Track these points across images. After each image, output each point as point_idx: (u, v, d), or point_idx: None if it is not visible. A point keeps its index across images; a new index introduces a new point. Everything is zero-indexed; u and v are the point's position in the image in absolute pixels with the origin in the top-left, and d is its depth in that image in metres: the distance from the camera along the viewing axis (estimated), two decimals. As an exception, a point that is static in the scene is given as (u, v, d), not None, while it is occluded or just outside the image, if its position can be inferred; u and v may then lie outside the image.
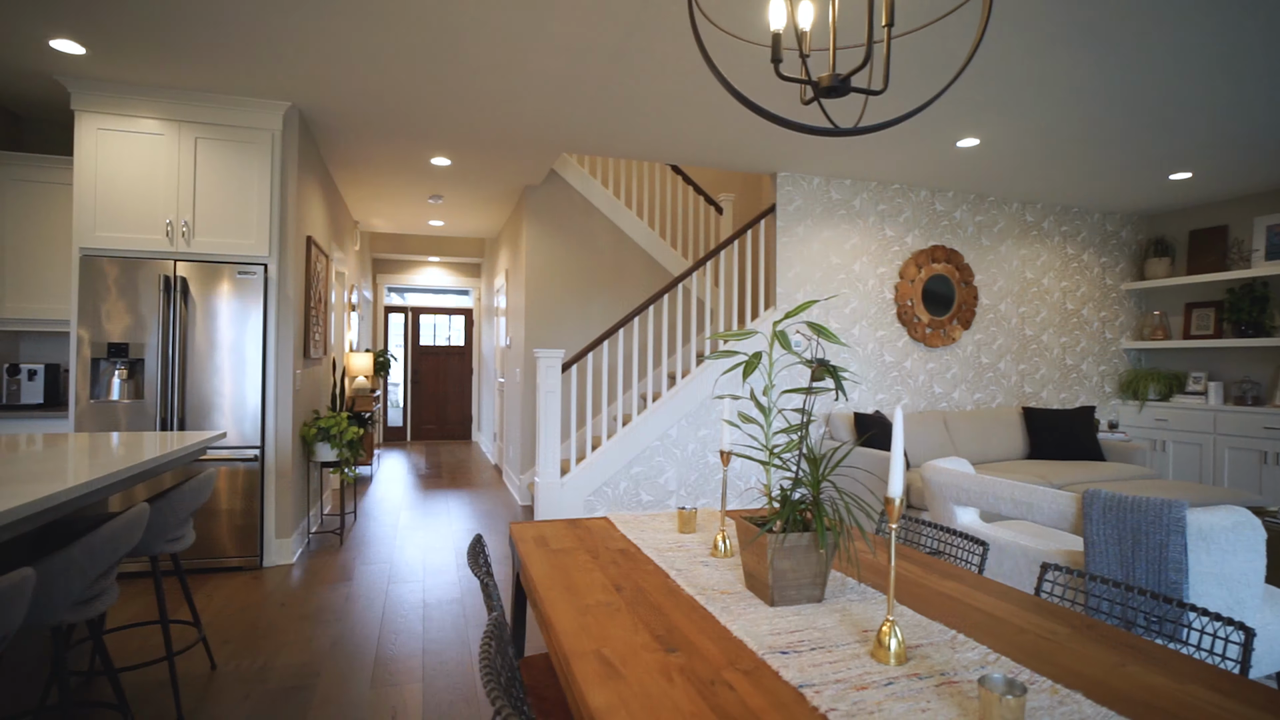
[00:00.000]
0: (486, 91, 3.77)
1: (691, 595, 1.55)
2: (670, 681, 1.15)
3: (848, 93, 1.44)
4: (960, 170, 5.16)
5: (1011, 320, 6.00)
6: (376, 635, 3.09)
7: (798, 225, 5.25)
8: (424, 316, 10.22)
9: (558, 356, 4.65)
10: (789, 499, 1.47)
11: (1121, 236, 6.49)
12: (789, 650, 1.26)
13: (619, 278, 6.17)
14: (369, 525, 5.09)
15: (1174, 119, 4.07)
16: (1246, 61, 3.30)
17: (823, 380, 1.46)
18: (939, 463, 3.15)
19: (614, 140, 4.56)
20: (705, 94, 3.78)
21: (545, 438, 4.61)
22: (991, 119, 4.09)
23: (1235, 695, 1.14)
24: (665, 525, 2.18)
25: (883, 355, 5.51)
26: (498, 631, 1.28)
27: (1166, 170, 5.12)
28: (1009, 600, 1.57)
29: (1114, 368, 6.46)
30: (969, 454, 5.30)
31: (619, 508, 4.78)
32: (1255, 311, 5.68)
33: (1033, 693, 1.12)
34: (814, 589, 1.48)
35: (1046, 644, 1.33)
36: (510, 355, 6.71)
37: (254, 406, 3.96)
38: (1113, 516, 2.48)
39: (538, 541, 2.02)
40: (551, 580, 1.66)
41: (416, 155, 5.00)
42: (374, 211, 7.06)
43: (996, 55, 3.26)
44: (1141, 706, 1.09)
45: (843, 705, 1.07)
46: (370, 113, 4.13)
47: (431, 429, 10.22)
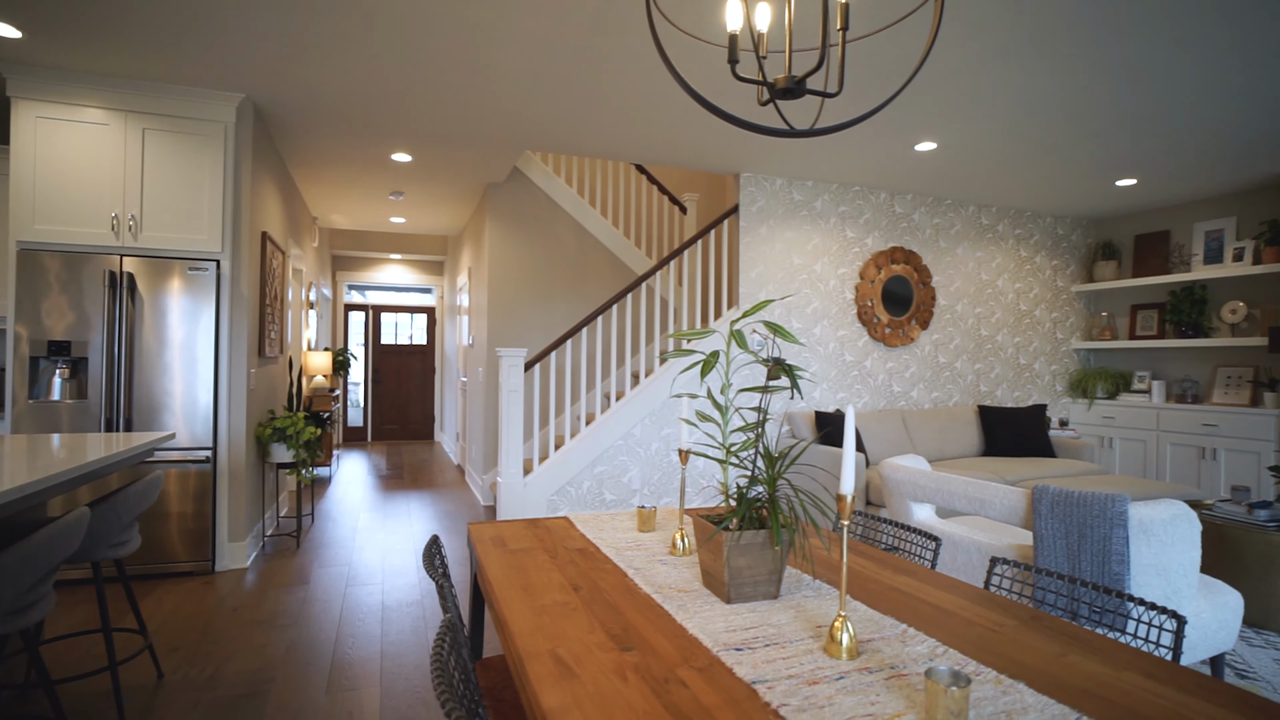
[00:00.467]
0: (448, 87, 3.72)
1: (649, 594, 1.55)
2: (624, 680, 1.15)
3: (803, 94, 1.45)
4: (919, 173, 5.27)
5: (968, 320, 6.15)
6: (333, 639, 3.03)
7: (760, 226, 5.30)
8: (385, 315, 10.05)
9: (520, 355, 4.61)
10: (745, 497, 1.48)
11: (1072, 240, 6.70)
12: (743, 647, 1.27)
13: (583, 277, 6.15)
14: (327, 527, 4.98)
15: (1119, 128, 4.22)
16: (1185, 77, 3.43)
17: (779, 379, 1.47)
18: (896, 460, 3.21)
19: (578, 138, 4.55)
20: (669, 94, 3.79)
21: (508, 437, 4.57)
22: (948, 124, 4.18)
23: (1167, 681, 1.18)
24: (625, 524, 2.18)
25: (844, 355, 5.60)
26: (451, 633, 1.26)
27: (1113, 177, 5.30)
28: (959, 594, 1.61)
29: (1064, 367, 6.67)
30: (927, 452, 5.41)
31: (582, 507, 4.77)
32: (1194, 313, 5.92)
33: (978, 683, 1.15)
34: (770, 586, 1.50)
35: (993, 636, 1.37)
36: (473, 354, 6.64)
37: (206, 406, 3.85)
38: (1060, 511, 2.56)
39: (496, 542, 2.00)
40: (508, 580, 1.65)
41: (377, 151, 4.92)
42: (333, 208, 6.92)
43: (953, 63, 3.34)
44: (1080, 694, 1.13)
45: (794, 700, 1.08)
46: (328, 106, 4.04)
47: (393, 429, 10.06)
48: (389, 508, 5.65)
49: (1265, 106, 3.87)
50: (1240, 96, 3.73)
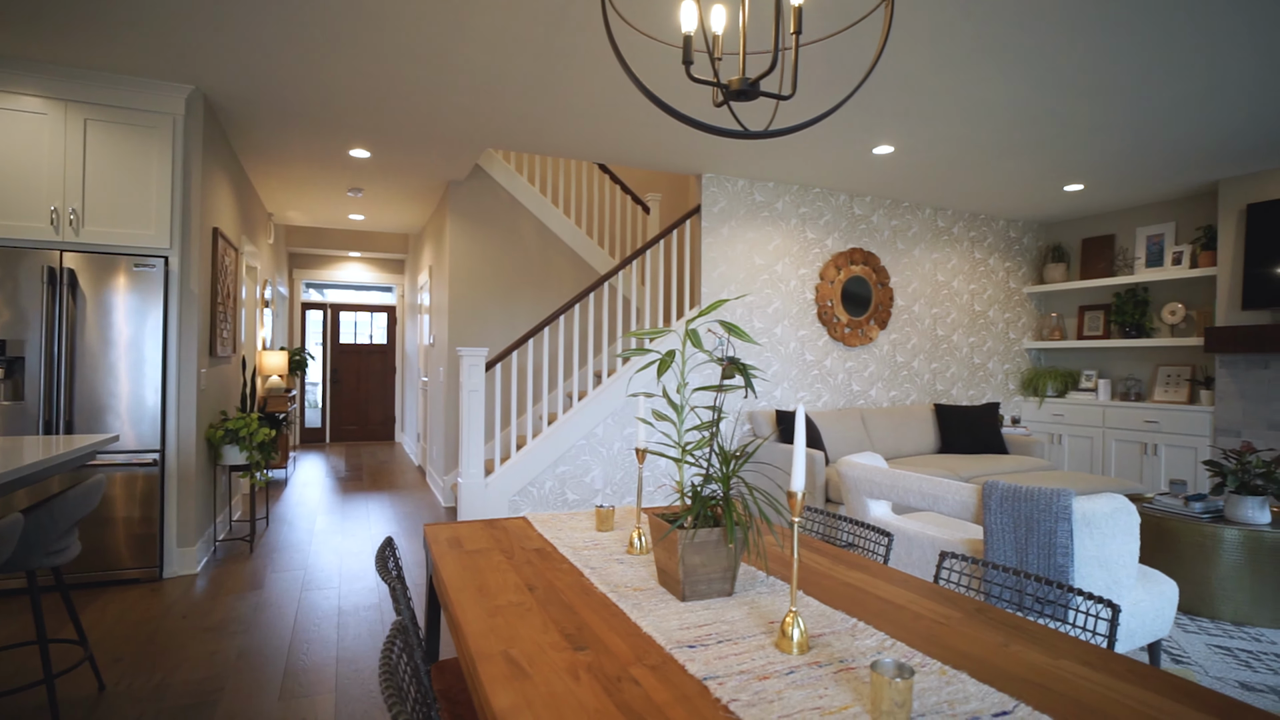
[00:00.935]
0: (408, 82, 3.66)
1: (604, 593, 1.55)
2: (577, 680, 1.15)
3: (757, 96, 1.47)
4: (877, 176, 5.37)
5: (924, 321, 6.29)
6: (287, 645, 2.96)
7: (722, 226, 5.34)
8: (344, 314, 9.86)
9: (481, 355, 4.57)
10: (699, 495, 1.49)
11: (1023, 243, 6.90)
12: (696, 644, 1.28)
13: (545, 276, 6.12)
14: (282, 531, 4.87)
15: (1067, 135, 4.36)
16: (1125, 89, 3.56)
17: (734, 378, 1.49)
18: (853, 458, 3.27)
19: (540, 137, 4.52)
20: (631, 93, 3.79)
21: (468, 437, 4.52)
22: (905, 128, 4.27)
23: (1101, 668, 1.23)
24: (583, 524, 2.18)
25: (804, 354, 5.67)
26: (401, 635, 1.24)
27: (1061, 182, 5.48)
28: (908, 588, 1.65)
29: (1017, 366, 6.87)
30: (885, 449, 5.52)
31: (544, 507, 4.75)
32: (1137, 314, 6.15)
33: (923, 674, 1.18)
34: (724, 583, 1.51)
35: (940, 628, 1.40)
36: (434, 354, 6.56)
37: (153, 408, 3.72)
38: (1009, 506, 2.63)
39: (452, 543, 1.98)
40: (463, 582, 1.63)
41: (334, 146, 4.82)
42: (289, 204, 6.75)
43: (908, 68, 3.41)
44: (1019, 682, 1.16)
45: (744, 695, 1.10)
46: (283, 100, 3.94)
47: (352, 430, 9.87)
48: (347, 510, 5.55)
49: (1199, 120, 4.04)
50: (1176, 109, 3.88)
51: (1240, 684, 2.65)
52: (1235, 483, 3.43)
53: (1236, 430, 5.25)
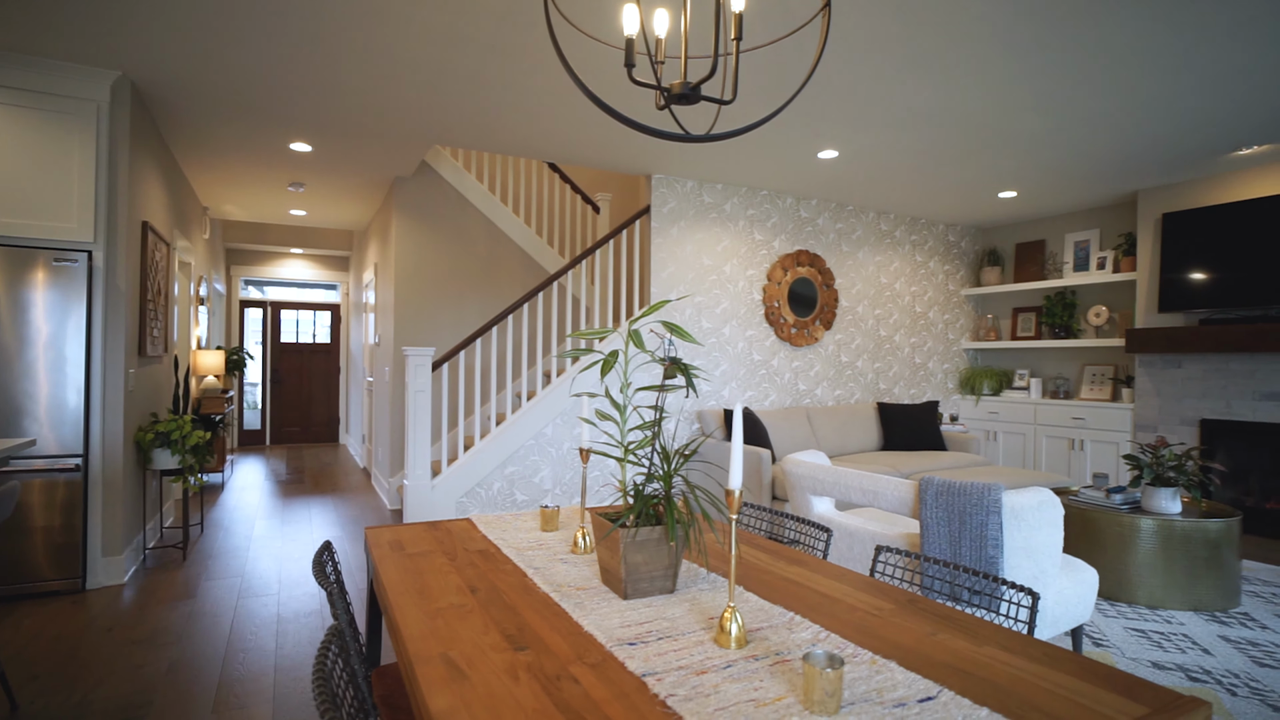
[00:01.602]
0: (351, 77, 3.57)
1: (547, 593, 1.55)
2: (516, 680, 1.15)
3: (698, 101, 1.49)
4: (822, 180, 5.49)
5: (868, 321, 6.46)
6: (222, 656, 2.86)
7: (672, 227, 5.39)
8: (286, 312, 9.55)
9: (428, 355, 4.50)
10: (641, 494, 1.51)
11: (961, 246, 7.16)
12: (637, 641, 1.30)
13: (494, 275, 6.05)
14: (218, 537, 4.69)
15: (999, 144, 4.54)
16: (1053, 102, 3.74)
17: (675, 378, 1.51)
18: (797, 456, 3.34)
19: (488, 134, 4.47)
20: (580, 93, 3.79)
21: (414, 439, 4.44)
22: (847, 133, 4.38)
23: (1020, 652, 1.29)
24: (528, 524, 2.17)
25: (752, 354, 5.76)
26: (337, 640, 1.22)
27: (996, 189, 5.71)
28: (845, 582, 1.70)
29: (955, 366, 7.12)
30: (830, 447, 5.65)
31: (493, 508, 4.70)
32: (1065, 316, 6.46)
33: (854, 664, 1.22)
34: (666, 581, 1.53)
35: (873, 619, 1.45)
36: (380, 353, 6.41)
37: (76, 410, 3.54)
38: (943, 500, 2.73)
39: (393, 546, 1.95)
40: (404, 585, 1.61)
41: (273, 139, 4.66)
42: (226, 198, 6.51)
43: (850, 75, 3.50)
44: (944, 668, 1.22)
45: (682, 690, 1.11)
46: (218, 90, 3.80)
47: (294, 432, 9.57)
48: (288, 514, 5.38)
49: (1120, 133, 4.26)
50: (1099, 122, 4.09)
51: (1152, 663, 2.82)
52: (1150, 475, 3.63)
53: (1153, 426, 5.56)
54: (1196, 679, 2.69)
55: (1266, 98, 3.74)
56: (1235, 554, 3.49)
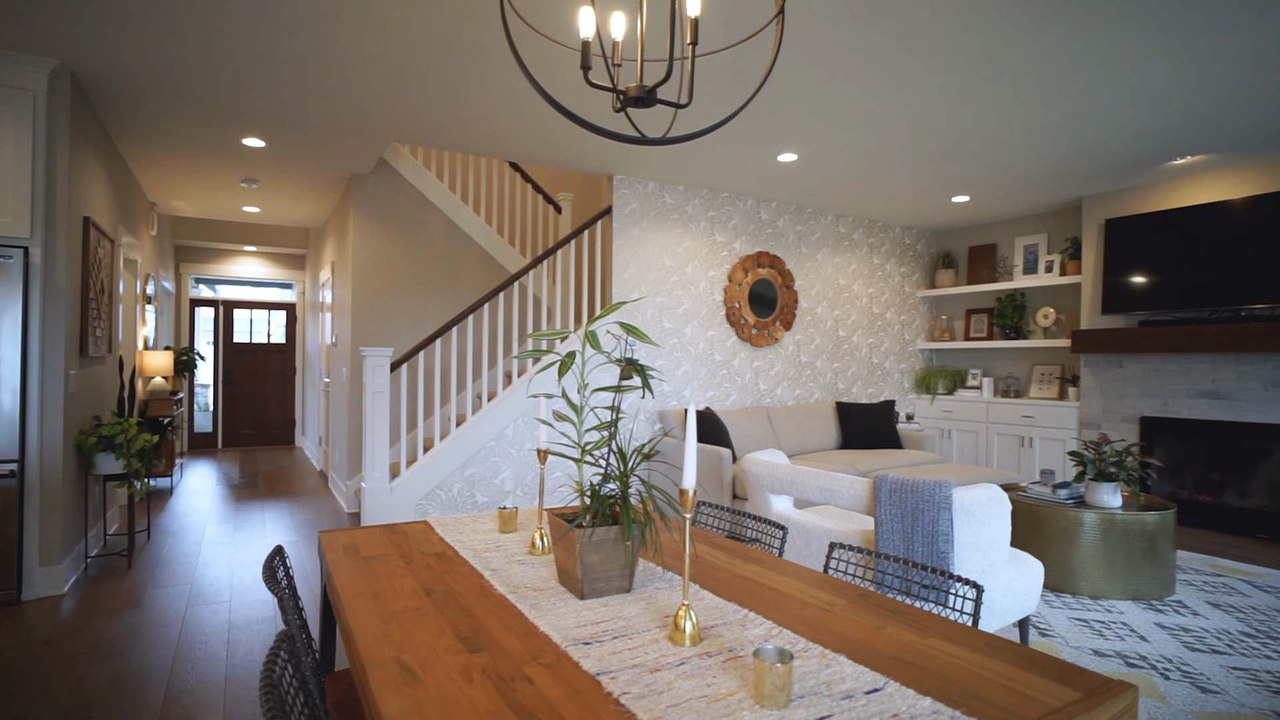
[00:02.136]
0: (306, 72, 3.50)
1: (503, 594, 1.55)
2: (470, 682, 1.15)
3: (654, 104, 1.51)
4: (782, 182, 5.57)
5: (827, 322, 6.57)
6: (169, 666, 2.78)
7: (633, 227, 5.40)
8: (239, 311, 9.29)
9: (386, 355, 4.43)
10: (598, 494, 1.51)
11: (917, 249, 7.34)
12: (592, 641, 1.31)
13: (454, 274, 5.99)
14: (167, 544, 4.54)
15: (952, 150, 4.67)
16: (1001, 110, 3.86)
17: (631, 378, 1.52)
18: (756, 455, 3.38)
19: (448, 133, 4.42)
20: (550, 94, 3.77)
21: (372, 440, 4.37)
22: (806, 137, 4.45)
23: (963, 643, 1.34)
24: (486, 526, 2.16)
25: (713, 354, 5.81)
26: (288, 646, 1.20)
27: (949, 193, 5.86)
28: (799, 578, 1.73)
29: (911, 366, 7.29)
30: (790, 446, 5.73)
31: (453, 510, 4.65)
32: (1016, 318, 6.67)
33: (805, 658, 1.25)
34: (622, 580, 1.54)
35: (824, 615, 1.48)
36: (337, 354, 6.29)
37: (10, 413, 3.40)
38: (897, 498, 2.80)
39: (348, 549, 1.92)
40: (357, 589, 1.59)
41: (224, 134, 4.54)
42: (175, 193, 6.30)
43: (807, 80, 3.56)
44: (891, 661, 1.25)
45: (635, 688, 1.13)
46: (165, 82, 3.68)
47: (248, 434, 9.32)
48: (241, 519, 5.24)
49: (1066, 141, 4.42)
50: (1045, 130, 4.24)
51: (1094, 651, 2.93)
52: (1093, 471, 3.78)
53: (1097, 423, 5.78)
54: (1134, 665, 2.81)
55: (1197, 111, 3.92)
56: (1171, 545, 3.65)
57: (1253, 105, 3.85)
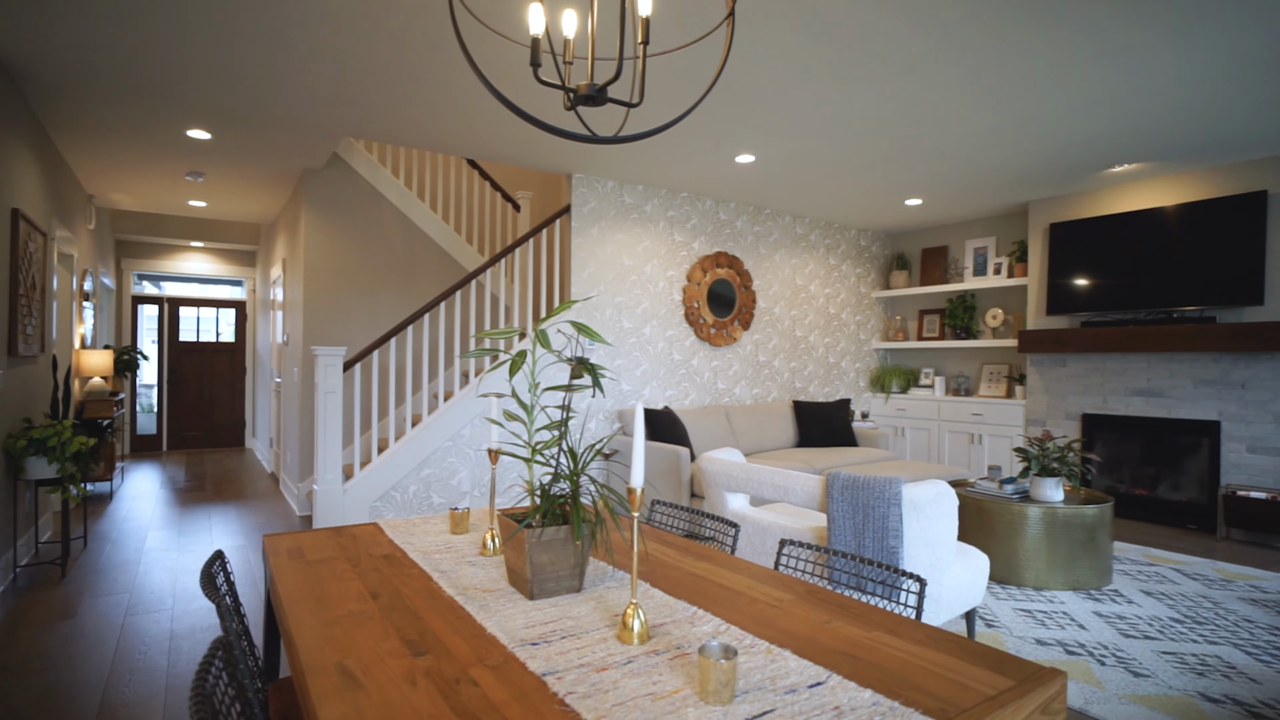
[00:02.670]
0: (254, 62, 3.40)
1: (452, 596, 1.53)
2: (413, 686, 1.13)
3: (605, 103, 1.50)
4: (740, 183, 5.62)
5: (784, 322, 6.66)
6: (105, 679, 2.67)
7: (592, 227, 5.39)
8: (185, 309, 8.97)
9: (339, 354, 4.33)
10: (548, 494, 1.51)
11: (872, 251, 7.48)
12: (540, 641, 1.30)
13: (411, 273, 5.89)
14: (105, 551, 4.36)
15: (905, 154, 4.78)
16: (950, 116, 3.96)
17: (582, 377, 1.51)
18: (713, 454, 3.41)
19: (403, 129, 4.35)
20: (502, 90, 3.73)
21: (325, 442, 4.27)
22: (763, 139, 4.50)
23: (906, 636, 1.37)
24: (438, 527, 2.13)
25: (672, 354, 5.84)
26: (223, 653, 1.17)
27: (903, 196, 6.00)
28: (749, 575, 1.75)
29: (866, 365, 7.43)
30: (748, 444, 5.79)
31: (409, 512, 4.58)
32: (966, 318, 6.85)
33: (751, 654, 1.26)
34: (572, 580, 1.54)
35: (772, 611, 1.50)
36: (288, 353, 6.13)
37: (-68, 416, 3.22)
38: (848, 494, 2.85)
39: (293, 553, 1.87)
40: (301, 593, 1.55)
41: (168, 125, 4.37)
42: (115, 185, 6.06)
43: (763, 84, 3.60)
44: (835, 654, 1.27)
45: (581, 688, 1.12)
46: (102, 69, 3.53)
47: (195, 436, 9.01)
48: (186, 524, 5.06)
49: (1012, 147, 4.56)
50: (992, 136, 4.37)
51: (1036, 640, 3.03)
52: (1037, 466, 3.91)
53: (1042, 420, 5.98)
54: (1073, 652, 2.91)
55: (1133, 120, 4.09)
56: (1108, 537, 3.80)
57: (1184, 117, 4.03)
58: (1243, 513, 4.70)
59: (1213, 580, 3.89)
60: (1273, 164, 4.81)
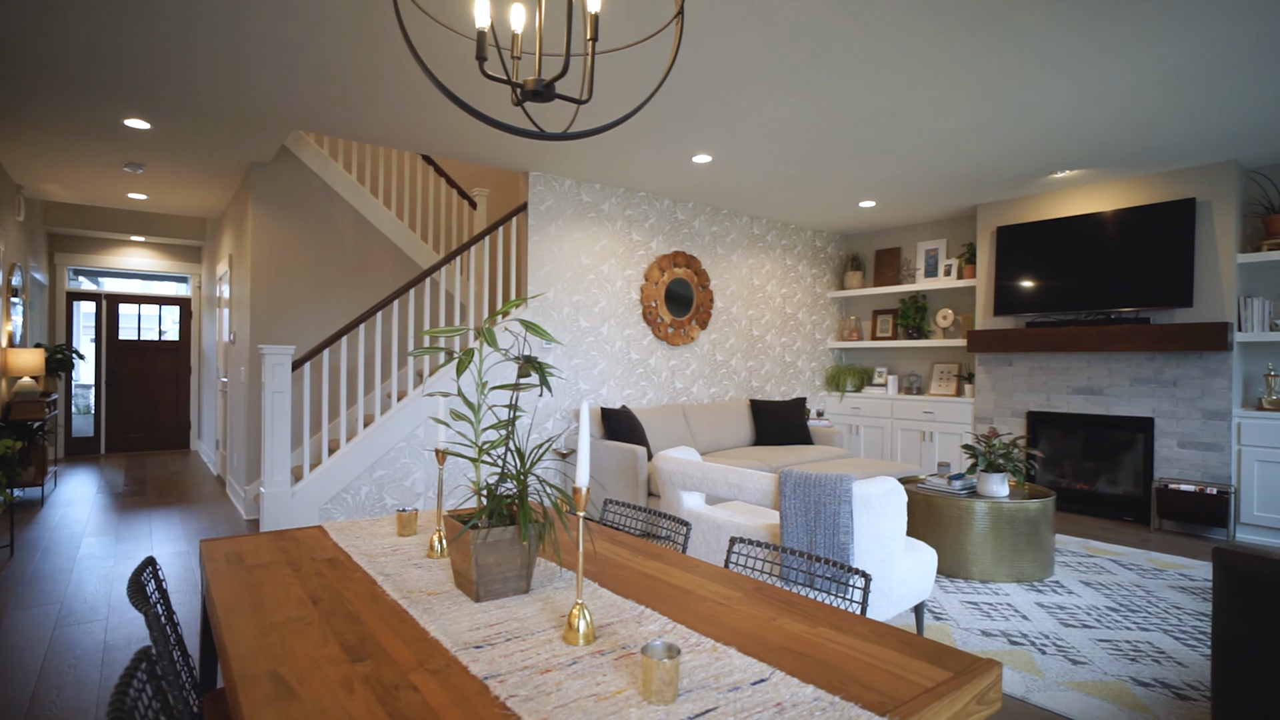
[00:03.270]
0: (196, 51, 3.27)
1: (395, 599, 1.50)
2: (351, 693, 1.10)
3: (553, 99, 1.49)
4: (698, 183, 5.65)
5: (741, 322, 6.72)
6: (29, 695, 2.54)
7: (549, 225, 5.35)
8: (125, 306, 8.62)
9: (287, 353, 4.21)
10: (494, 494, 1.48)
11: (827, 252, 7.60)
12: (484, 644, 1.28)
13: (363, 270, 5.76)
14: (34, 560, 4.16)
15: (858, 157, 4.86)
16: (901, 121, 4.05)
17: (530, 376, 1.50)
18: (668, 452, 3.41)
19: (356, 123, 4.25)
20: (452, 84, 3.68)
21: (272, 443, 4.15)
22: (720, 140, 4.53)
23: (849, 630, 1.39)
24: (385, 530, 2.09)
25: (629, 353, 5.84)
26: (146, 664, 1.12)
27: (857, 198, 6.10)
28: (698, 573, 1.76)
29: (822, 364, 7.55)
30: (705, 443, 5.82)
31: (361, 514, 4.48)
32: (918, 318, 7.02)
33: (696, 653, 1.27)
34: (520, 581, 1.52)
35: (720, 609, 1.51)
36: (235, 352, 5.93)
37: None
38: (800, 492, 2.89)
39: (231, 559, 1.81)
40: (237, 600, 1.50)
41: (103, 113, 4.19)
42: (46, 176, 5.78)
43: (719, 85, 3.62)
44: (780, 651, 1.29)
45: (523, 690, 1.11)
46: (26, 52, 3.36)
47: (136, 438, 8.66)
48: (125, 530, 4.86)
49: (960, 152, 4.69)
50: (942, 142, 4.48)
51: (982, 631, 3.12)
52: (984, 463, 4.02)
53: (990, 418, 6.16)
54: (1016, 642, 3.01)
55: (1074, 128, 4.24)
56: (1050, 530, 3.93)
57: (1120, 126, 4.20)
58: (1173, 505, 4.92)
59: (1146, 570, 4.06)
60: (1200, 173, 5.04)
